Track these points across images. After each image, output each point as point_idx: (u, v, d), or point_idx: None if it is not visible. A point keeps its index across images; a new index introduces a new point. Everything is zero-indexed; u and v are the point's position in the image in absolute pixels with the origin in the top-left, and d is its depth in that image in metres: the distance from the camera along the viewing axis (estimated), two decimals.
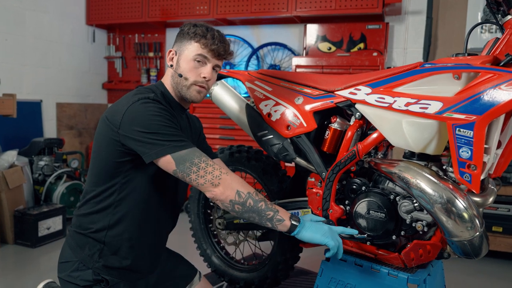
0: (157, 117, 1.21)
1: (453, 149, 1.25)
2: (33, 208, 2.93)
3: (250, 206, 1.21)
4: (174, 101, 1.40)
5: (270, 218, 1.23)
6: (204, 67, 1.35)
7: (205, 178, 1.19)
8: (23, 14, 3.63)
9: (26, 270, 2.45)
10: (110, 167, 1.28)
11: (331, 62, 3.32)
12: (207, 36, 1.32)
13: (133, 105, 1.23)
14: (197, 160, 1.20)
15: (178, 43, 1.37)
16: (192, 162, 1.19)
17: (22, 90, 3.63)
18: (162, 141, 1.19)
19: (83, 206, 1.35)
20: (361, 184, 1.53)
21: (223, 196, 1.21)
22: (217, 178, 1.20)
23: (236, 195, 1.21)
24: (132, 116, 1.21)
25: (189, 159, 1.19)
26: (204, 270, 2.18)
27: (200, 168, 1.20)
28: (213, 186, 1.20)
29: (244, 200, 1.21)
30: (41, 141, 3.37)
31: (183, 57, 1.34)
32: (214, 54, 1.34)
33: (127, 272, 1.34)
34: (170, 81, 1.39)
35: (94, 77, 4.48)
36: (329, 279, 1.60)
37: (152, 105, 1.23)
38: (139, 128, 1.19)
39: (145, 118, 1.20)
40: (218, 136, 3.58)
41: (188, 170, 1.19)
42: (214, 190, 1.20)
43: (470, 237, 1.25)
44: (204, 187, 1.21)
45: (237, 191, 1.21)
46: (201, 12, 3.81)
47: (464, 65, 1.26)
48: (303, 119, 1.63)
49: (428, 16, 3.39)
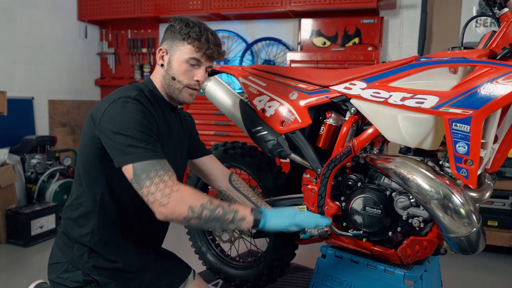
0: (132, 118, 1.16)
1: (450, 144, 1.23)
2: (25, 207, 2.90)
3: (207, 217, 1.16)
4: (163, 100, 1.37)
5: (231, 220, 1.17)
6: (197, 70, 1.31)
7: (155, 196, 1.12)
8: (13, 10, 3.57)
9: (19, 270, 2.42)
10: (94, 166, 1.25)
11: (326, 57, 3.30)
12: (202, 39, 1.27)
13: (113, 103, 1.20)
14: (153, 174, 1.13)
15: (169, 42, 1.32)
16: (147, 175, 1.13)
17: (13, 87, 3.57)
18: (128, 147, 1.14)
19: (69, 207, 1.33)
20: (356, 180, 1.52)
21: (175, 215, 1.14)
22: (166, 196, 1.12)
23: (189, 211, 1.14)
24: (110, 114, 1.18)
25: (146, 170, 1.13)
26: (199, 267, 2.16)
27: (153, 183, 1.12)
28: (161, 206, 1.12)
29: (199, 213, 1.15)
30: (33, 139, 3.33)
31: (176, 59, 1.30)
32: (208, 58, 1.31)
33: (118, 273, 1.32)
34: (161, 81, 1.35)
35: (86, 73, 4.43)
36: (325, 276, 1.59)
37: (131, 105, 1.19)
38: (112, 128, 1.16)
39: (119, 118, 1.17)
40: (212, 132, 3.55)
41: (142, 183, 1.13)
42: (163, 211, 1.13)
43: (467, 233, 1.23)
44: (153, 206, 1.13)
45: (189, 206, 1.14)
46: (195, 7, 3.77)
47: (461, 59, 1.25)
48: (298, 114, 1.61)
49: (423, 10, 3.37)
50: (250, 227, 1.20)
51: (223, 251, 2.16)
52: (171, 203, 1.12)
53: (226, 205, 1.19)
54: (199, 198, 1.17)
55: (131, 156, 1.14)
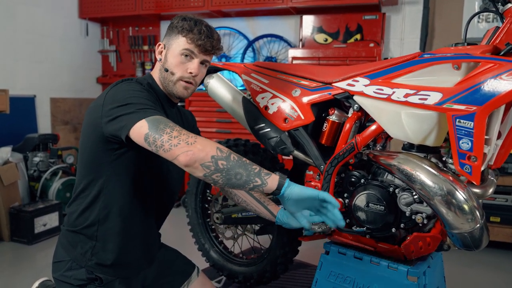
0: (136, 92, 1.19)
1: (453, 141, 1.23)
2: (28, 204, 2.91)
3: (235, 160, 1.08)
4: (162, 94, 1.38)
5: (258, 173, 1.09)
6: (190, 63, 1.32)
7: (179, 138, 1.06)
8: (14, 8, 3.57)
9: (23, 267, 2.43)
10: (96, 157, 1.25)
11: (327, 54, 3.29)
12: (194, 30, 1.29)
13: (115, 87, 1.24)
14: (172, 125, 1.09)
15: (167, 37, 1.35)
16: (166, 125, 1.08)
17: (15, 86, 3.57)
18: (137, 110, 1.12)
19: (73, 202, 1.33)
20: (360, 176, 1.52)
21: (203, 153, 1.05)
22: (192, 137, 1.07)
23: (217, 151, 1.07)
24: (112, 95, 1.20)
25: (163, 122, 1.09)
26: (202, 264, 2.17)
27: (174, 129, 1.08)
28: (189, 145, 1.05)
29: (227, 154, 1.08)
30: (36, 137, 3.33)
31: (171, 52, 1.32)
32: (201, 50, 1.31)
33: (120, 268, 1.32)
34: (158, 75, 1.37)
35: (88, 71, 4.43)
36: (328, 272, 1.59)
37: (134, 85, 1.24)
38: (117, 103, 1.16)
39: (124, 94, 1.18)
40: (214, 129, 3.55)
41: (161, 131, 1.06)
42: (190, 149, 1.04)
43: (471, 229, 1.24)
44: (178, 148, 1.05)
45: (217, 147, 1.08)
46: (196, 4, 3.76)
47: (464, 55, 1.24)
48: (301, 111, 1.61)
49: (425, 6, 3.36)
50: (274, 187, 1.11)
51: (226, 248, 2.16)
52: (198, 142, 1.06)
53: (248, 161, 1.12)
54: (219, 146, 1.10)
55: (141, 113, 1.10)
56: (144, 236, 1.39)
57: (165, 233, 1.52)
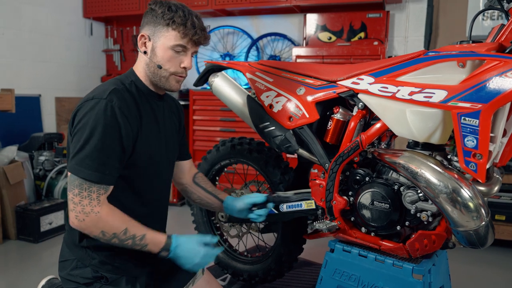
0: (95, 133, 1.15)
1: (458, 138, 1.23)
2: (34, 203, 2.93)
3: (116, 243, 1.20)
4: (147, 90, 1.33)
5: (140, 249, 1.22)
6: (184, 57, 1.26)
7: (75, 207, 1.16)
8: (19, 8, 3.58)
9: (29, 265, 2.45)
10: None
11: (331, 52, 3.29)
12: (187, 24, 1.21)
13: (86, 103, 1.20)
14: (86, 186, 1.15)
15: (151, 27, 1.25)
16: (81, 186, 1.15)
17: (20, 85, 3.59)
18: (82, 160, 1.15)
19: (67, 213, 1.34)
20: (364, 174, 1.52)
21: (86, 231, 1.19)
22: (84, 214, 1.16)
23: (100, 234, 1.18)
24: (80, 113, 1.19)
25: (81, 184, 1.15)
26: None
27: (80, 195, 1.15)
28: (77, 219, 1.16)
29: (108, 239, 1.19)
30: (41, 136, 3.35)
31: (160, 45, 1.24)
32: (194, 43, 1.26)
33: (124, 267, 1.32)
34: (145, 69, 1.30)
35: (92, 70, 4.44)
36: (333, 271, 1.59)
37: (99, 108, 1.17)
38: (77, 128, 1.18)
39: (86, 121, 1.17)
40: (218, 128, 3.56)
41: (72, 188, 1.16)
42: (76, 224, 1.17)
43: (476, 226, 1.24)
44: (70, 213, 1.17)
45: (101, 231, 1.17)
46: (200, 3, 3.76)
47: (469, 52, 1.24)
48: (305, 110, 1.61)
49: (429, 4, 3.35)
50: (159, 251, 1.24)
51: (231, 246, 2.17)
52: (85, 223, 1.16)
53: (138, 238, 1.20)
54: (115, 226, 1.18)
55: (78, 170, 1.15)
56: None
57: (170, 231, 1.52)
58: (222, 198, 1.61)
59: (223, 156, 2.02)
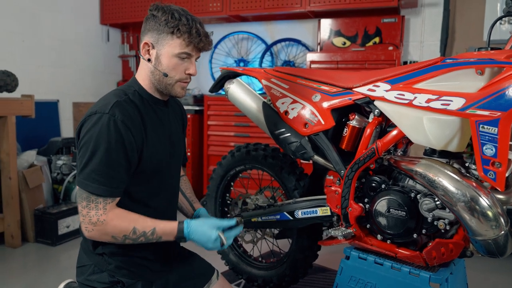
0: (100, 149, 1.17)
1: (477, 147, 1.22)
2: (52, 207, 2.98)
3: (130, 243, 1.23)
4: (151, 97, 1.33)
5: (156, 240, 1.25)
6: (189, 64, 1.27)
7: (84, 219, 1.20)
8: (38, 15, 3.67)
9: (47, 268, 2.49)
10: None
11: (346, 57, 3.29)
12: (192, 32, 1.21)
13: (89, 118, 1.21)
14: (93, 198, 1.18)
15: (154, 34, 1.24)
16: (88, 199, 1.18)
17: (39, 91, 3.67)
18: (89, 174, 1.18)
19: None
20: (380, 182, 1.51)
21: (99, 240, 1.23)
22: (92, 224, 1.19)
23: (112, 239, 1.21)
24: (84, 129, 1.21)
25: (88, 197, 1.18)
26: (222, 268, 2.19)
27: (88, 207, 1.19)
28: (86, 230, 1.20)
29: (121, 241, 1.22)
30: (59, 140, 3.42)
31: (164, 53, 1.24)
32: (198, 50, 1.28)
33: (140, 272, 1.34)
34: (149, 77, 1.30)
35: (109, 76, 4.52)
36: (349, 278, 1.59)
37: (102, 124, 1.18)
38: (82, 143, 1.20)
39: (89, 137, 1.19)
40: (232, 133, 3.58)
41: (80, 201, 1.19)
42: (87, 234, 1.21)
43: (495, 236, 1.22)
44: (81, 224, 1.22)
45: (112, 236, 1.21)
46: (214, 9, 3.80)
47: (488, 60, 1.23)
48: (321, 116, 1.61)
49: (445, 8, 3.32)
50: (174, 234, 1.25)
51: (246, 251, 2.18)
52: (94, 232, 1.20)
53: (149, 233, 1.22)
54: (123, 229, 1.20)
55: (85, 184, 1.18)
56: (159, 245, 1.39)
57: None
58: (195, 207, 1.59)
59: (238, 161, 2.03)
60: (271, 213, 1.85)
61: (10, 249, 2.75)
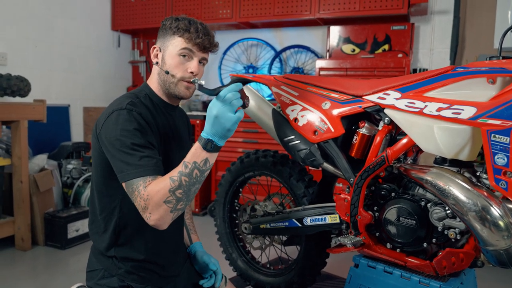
0: (124, 134, 1.17)
1: (488, 156, 1.22)
2: (62, 210, 3.01)
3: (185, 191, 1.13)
4: (161, 102, 1.37)
5: (205, 169, 1.15)
6: (190, 62, 1.30)
7: (139, 204, 1.13)
8: (51, 21, 3.73)
9: (56, 271, 2.51)
10: (106, 180, 1.29)
11: (355, 64, 3.29)
12: (191, 29, 1.27)
13: (108, 119, 1.22)
14: (135, 186, 1.14)
15: (161, 39, 1.33)
16: (132, 190, 1.15)
17: (50, 95, 3.72)
18: (122, 164, 1.16)
19: (92, 224, 1.38)
20: (390, 190, 1.51)
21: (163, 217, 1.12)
22: (143, 200, 1.12)
23: (167, 203, 1.12)
24: (106, 131, 1.21)
25: (131, 185, 1.15)
26: (230, 274, 2.19)
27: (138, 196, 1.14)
28: (148, 219, 1.13)
29: (175, 198, 1.12)
30: (69, 145, 3.45)
31: (168, 53, 1.30)
32: (199, 48, 1.30)
33: (149, 277, 1.35)
34: (157, 79, 1.35)
35: (119, 81, 4.57)
36: (357, 286, 1.58)
37: (123, 117, 1.20)
38: (110, 147, 1.19)
39: (114, 135, 1.18)
40: (241, 139, 3.59)
41: (131, 195, 1.15)
42: (149, 217, 1.12)
43: (506, 246, 1.21)
44: (142, 215, 1.14)
45: (164, 201, 1.11)
46: (224, 16, 3.83)
47: (499, 69, 1.23)
48: (331, 124, 1.62)
49: (455, 16, 3.31)
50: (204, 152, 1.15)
51: (254, 258, 2.18)
52: (152, 214, 1.12)
53: (184, 171, 1.12)
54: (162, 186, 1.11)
55: (124, 174, 1.16)
56: (167, 244, 1.40)
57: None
58: (192, 239, 1.61)
59: (247, 168, 2.04)
60: (279, 219, 1.86)
61: (20, 252, 2.78)
